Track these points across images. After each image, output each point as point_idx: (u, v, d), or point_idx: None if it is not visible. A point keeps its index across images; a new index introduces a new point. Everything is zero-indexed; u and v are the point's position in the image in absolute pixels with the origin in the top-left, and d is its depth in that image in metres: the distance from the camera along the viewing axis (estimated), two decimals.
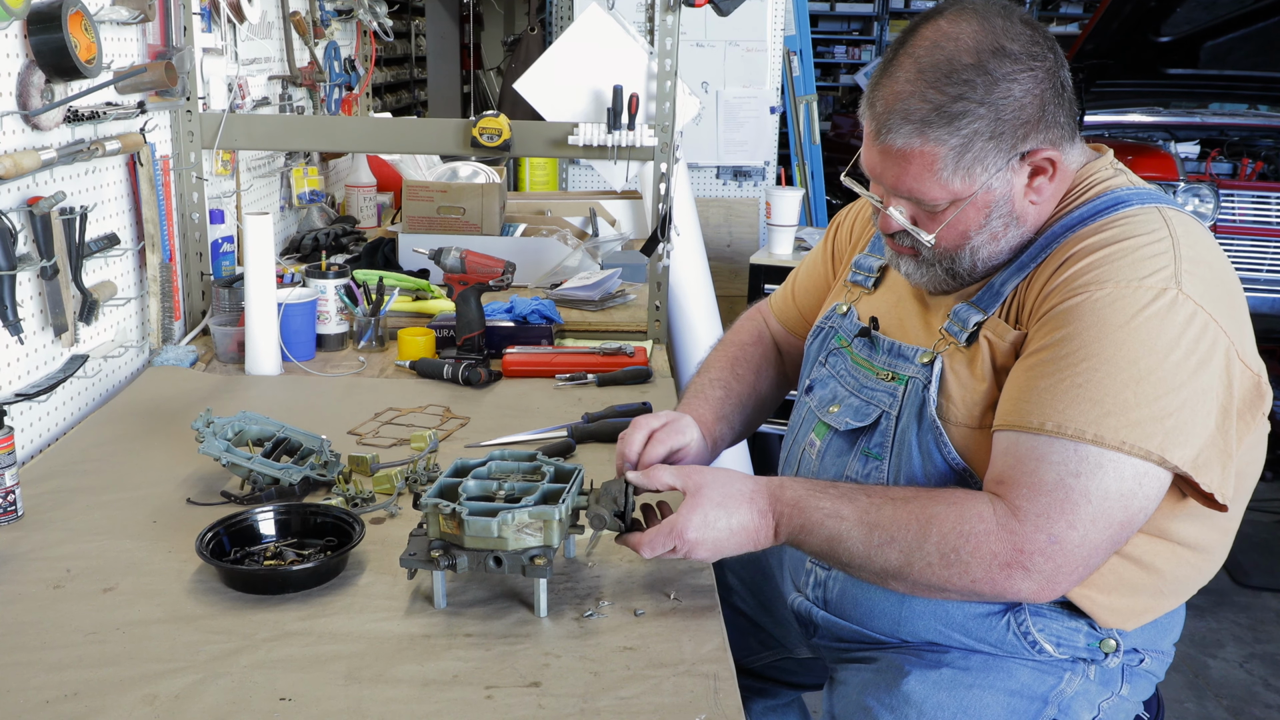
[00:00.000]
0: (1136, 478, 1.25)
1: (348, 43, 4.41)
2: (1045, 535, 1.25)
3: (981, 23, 1.33)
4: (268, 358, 2.37)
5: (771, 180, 5.57)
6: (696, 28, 5.28)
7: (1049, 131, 1.35)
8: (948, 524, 1.29)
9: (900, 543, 1.31)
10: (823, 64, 11.49)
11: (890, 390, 1.48)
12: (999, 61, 1.31)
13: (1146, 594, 1.42)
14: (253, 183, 3.23)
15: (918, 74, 1.33)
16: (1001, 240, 1.40)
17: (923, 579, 1.31)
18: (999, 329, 1.38)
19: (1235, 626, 3.56)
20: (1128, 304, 1.26)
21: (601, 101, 2.68)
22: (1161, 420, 1.23)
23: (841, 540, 1.34)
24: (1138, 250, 1.29)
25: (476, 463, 1.56)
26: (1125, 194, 1.38)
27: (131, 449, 1.95)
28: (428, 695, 1.25)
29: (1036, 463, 1.27)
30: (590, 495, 1.50)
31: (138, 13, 2.26)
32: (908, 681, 1.46)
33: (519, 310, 2.68)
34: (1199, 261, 1.29)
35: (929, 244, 1.41)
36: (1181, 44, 5.18)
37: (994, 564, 1.27)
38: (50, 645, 1.33)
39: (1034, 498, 1.26)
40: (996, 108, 1.31)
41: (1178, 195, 4.36)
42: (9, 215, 1.82)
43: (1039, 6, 11.35)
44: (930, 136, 1.33)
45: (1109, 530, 1.26)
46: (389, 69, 8.09)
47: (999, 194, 1.36)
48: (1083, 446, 1.25)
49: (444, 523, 1.41)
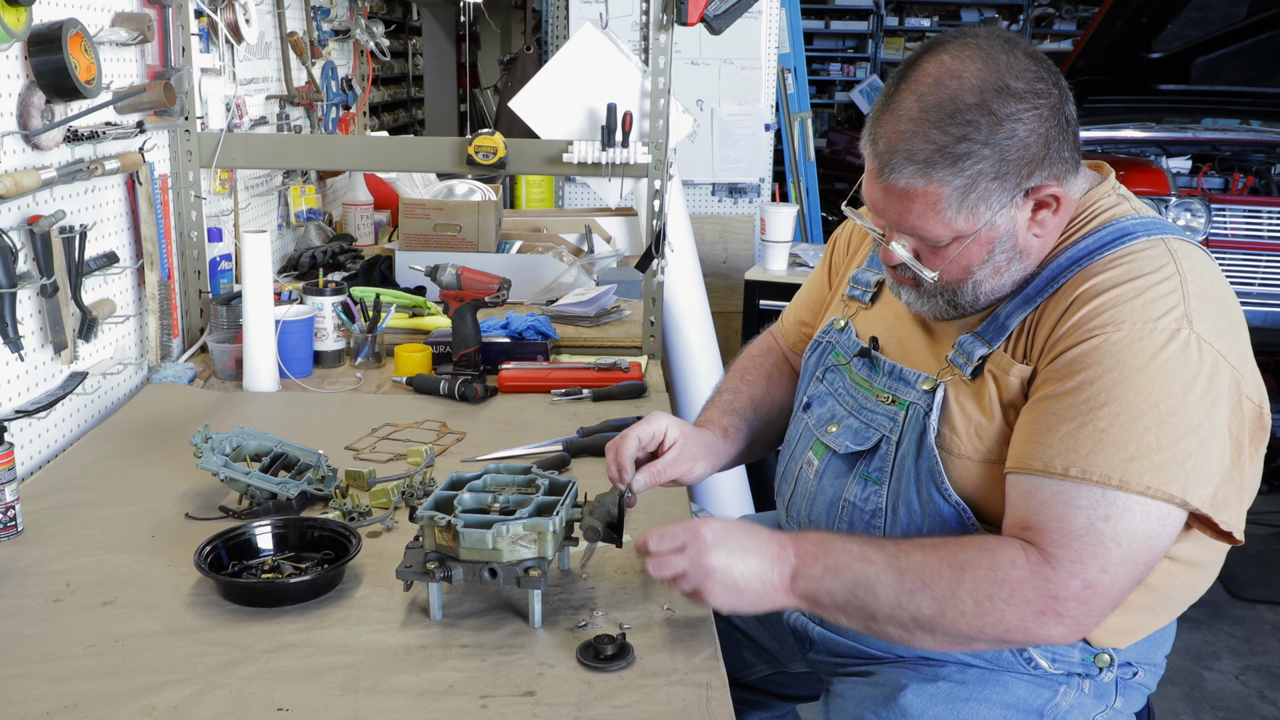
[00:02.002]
0: (1161, 519, 1.25)
1: (345, 62, 4.44)
2: (1080, 581, 1.25)
3: (985, 60, 1.31)
4: (265, 374, 2.39)
5: (766, 197, 5.59)
6: (691, 46, 5.31)
7: (1053, 167, 1.34)
8: (981, 571, 1.27)
9: (933, 589, 1.28)
10: (817, 81, 11.52)
11: (890, 414, 1.48)
12: (1003, 101, 1.29)
13: (1142, 612, 1.42)
14: (250, 201, 3.25)
15: (920, 113, 1.31)
16: (1004, 274, 1.39)
17: (954, 628, 1.29)
18: (1004, 363, 1.38)
19: (1231, 639, 3.57)
20: (1145, 346, 1.25)
21: (596, 119, 2.70)
22: (1183, 462, 1.24)
23: (870, 586, 1.31)
24: (1149, 290, 1.28)
25: (472, 476, 1.57)
26: (1130, 225, 1.37)
27: (130, 465, 1.97)
28: (424, 705, 1.26)
29: (1064, 508, 1.26)
30: (584, 508, 1.51)
31: (137, 34, 2.28)
32: (904, 695, 1.46)
33: (515, 326, 2.70)
34: (1205, 298, 1.29)
35: (930, 280, 1.40)
36: (1173, 60, 5.22)
37: (1029, 611, 1.26)
38: (51, 657, 1.34)
39: (1066, 544, 1.25)
40: (1001, 148, 1.30)
41: (1169, 210, 4.38)
42: (10, 234, 1.84)
43: (1032, 24, 11.42)
44: (934, 177, 1.31)
45: (1135, 571, 1.27)
46: (386, 88, 8.12)
47: (1003, 230, 1.35)
48: (1110, 492, 1.24)
49: (440, 535, 1.42)
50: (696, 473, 1.64)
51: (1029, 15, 11.41)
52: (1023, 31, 11.28)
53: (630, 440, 1.57)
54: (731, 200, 5.64)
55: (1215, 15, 4.93)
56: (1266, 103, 5.27)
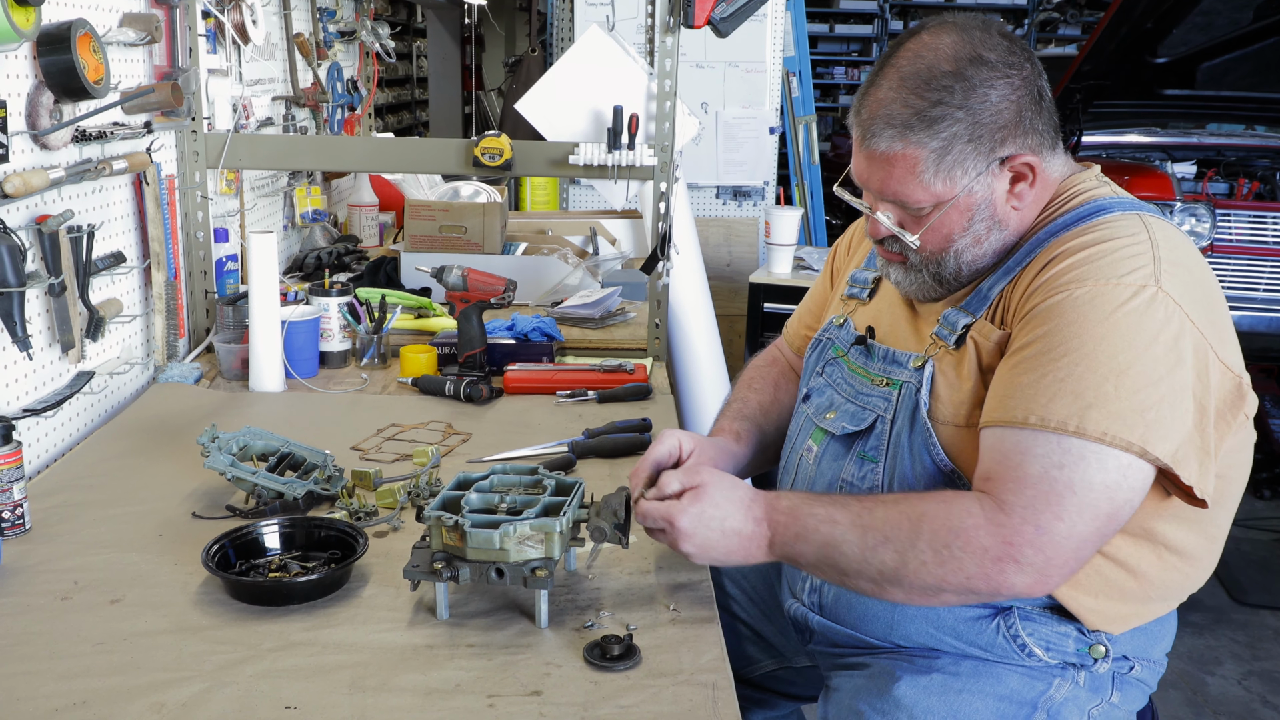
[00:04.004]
0: (1120, 469, 1.27)
1: (350, 64, 4.45)
2: (1032, 526, 1.27)
3: (961, 35, 1.40)
4: (271, 375, 2.39)
5: (771, 200, 5.59)
6: (696, 49, 5.32)
7: (1028, 138, 1.40)
8: (938, 520, 1.31)
9: (894, 542, 1.32)
10: (822, 85, 11.52)
11: (885, 395, 1.52)
12: (976, 69, 1.37)
13: (1133, 600, 1.44)
14: (256, 202, 3.26)
15: (900, 82, 1.40)
16: (984, 244, 1.45)
17: (918, 579, 1.32)
18: (985, 330, 1.42)
19: (1233, 644, 3.57)
20: (1107, 300, 1.29)
21: (602, 122, 2.70)
22: (1142, 413, 1.26)
23: (837, 545, 1.35)
24: (1118, 250, 1.33)
25: (479, 476, 1.58)
26: (1107, 202, 1.43)
27: (137, 464, 1.97)
28: (430, 704, 1.26)
29: (1021, 456, 1.29)
30: (591, 508, 1.51)
31: (145, 34, 2.29)
32: (899, 687, 1.47)
33: (520, 328, 2.70)
34: (1178, 264, 1.33)
35: (915, 245, 1.45)
36: (1178, 65, 5.20)
37: (985, 558, 1.28)
38: (59, 655, 1.35)
39: (1019, 490, 1.28)
40: (974, 111, 1.37)
41: (1174, 215, 4.37)
42: (18, 233, 1.85)
43: (1036, 28, 11.42)
44: (911, 140, 1.39)
45: (1095, 522, 1.28)
46: (391, 90, 8.13)
47: (980, 197, 1.42)
48: (1065, 439, 1.27)
49: (447, 535, 1.42)
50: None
51: (1034, 19, 11.41)
52: (1027, 36, 11.29)
53: (647, 463, 1.56)
54: (736, 203, 5.65)
55: (1221, 20, 4.92)
56: (1272, 108, 5.26)
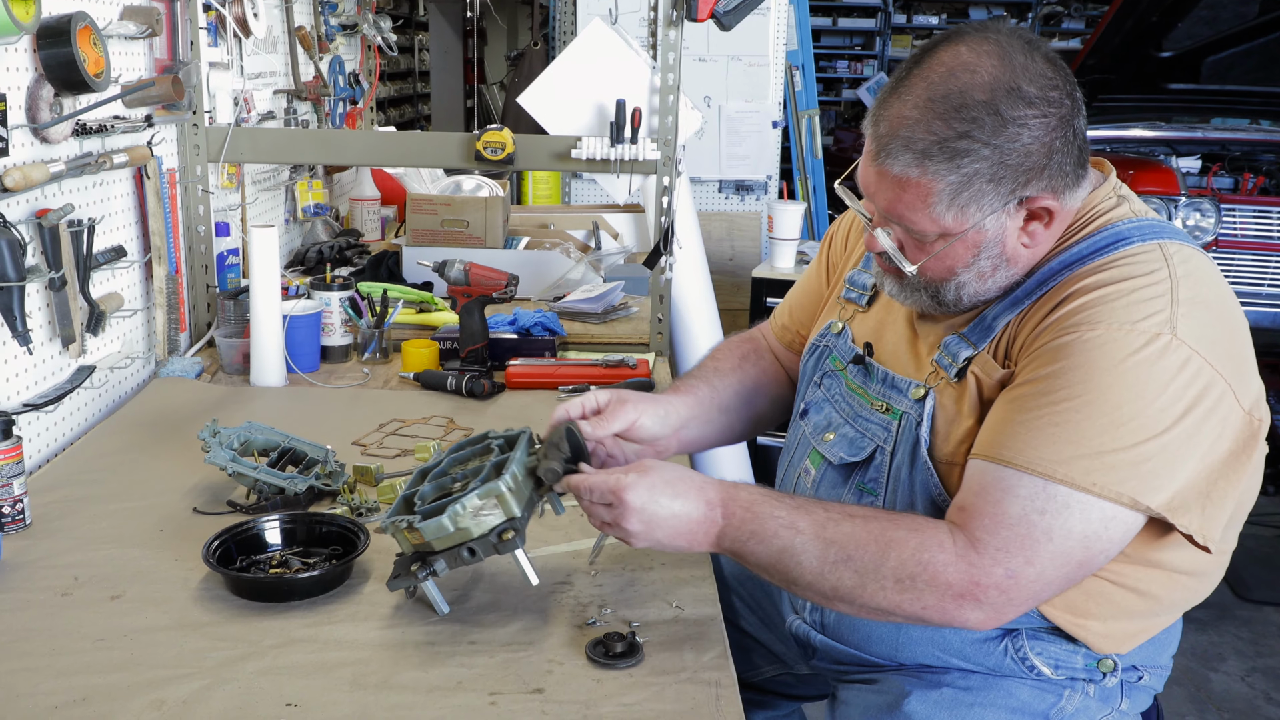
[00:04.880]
0: (1104, 520, 1.23)
1: (352, 57, 4.44)
2: (1003, 570, 1.23)
3: (1002, 58, 1.28)
4: (273, 369, 2.39)
5: (774, 194, 5.58)
6: (699, 42, 5.30)
7: (1052, 180, 1.30)
8: (907, 550, 1.26)
9: (856, 563, 1.27)
10: (825, 79, 11.51)
11: (884, 424, 1.46)
12: (1012, 103, 1.26)
13: (1142, 617, 1.41)
14: (258, 196, 3.25)
15: (927, 101, 1.28)
16: (989, 280, 1.37)
17: (872, 602, 1.28)
18: (988, 366, 1.35)
19: (1237, 640, 3.56)
20: (1118, 347, 1.23)
21: (604, 115, 2.69)
22: (1137, 465, 1.21)
23: (794, 554, 1.30)
24: (1134, 292, 1.26)
25: (432, 464, 1.56)
26: (1126, 230, 1.34)
27: (138, 459, 1.97)
28: (432, 701, 1.26)
29: (1002, 494, 1.24)
30: (538, 452, 1.46)
31: (145, 27, 2.28)
32: (909, 702, 1.45)
33: (522, 323, 2.69)
34: (1197, 303, 1.26)
35: (910, 273, 1.39)
36: (1183, 59, 5.20)
37: (948, 594, 1.24)
38: (59, 651, 1.34)
39: (995, 530, 1.24)
40: (1001, 150, 1.27)
41: (1179, 210, 4.36)
42: (18, 227, 1.84)
43: (1041, 22, 11.40)
44: (929, 169, 1.29)
45: (1065, 569, 1.24)
46: (393, 83, 8.13)
47: (991, 235, 1.33)
48: (1052, 485, 1.22)
49: (409, 536, 1.40)
50: (645, 424, 1.58)
51: (1038, 13, 11.39)
52: (1030, 29, 11.26)
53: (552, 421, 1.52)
54: (738, 197, 5.63)
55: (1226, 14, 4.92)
56: (1277, 103, 5.25)
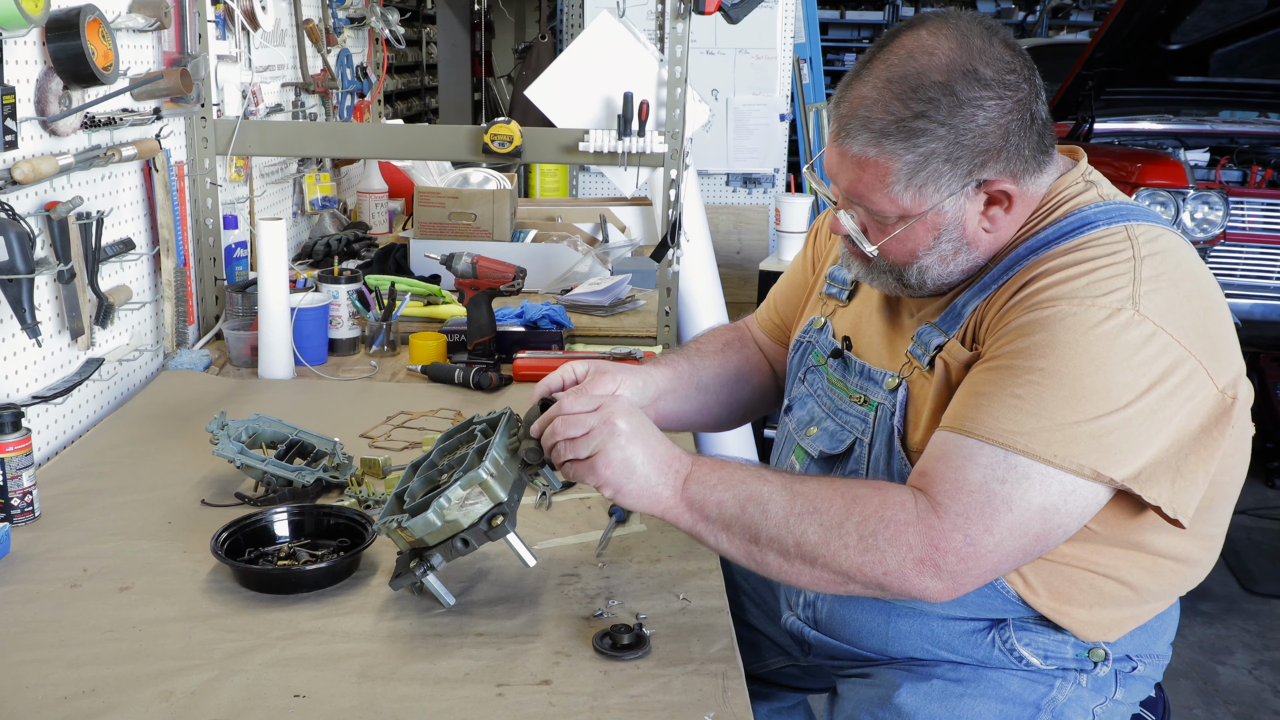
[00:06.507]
0: (1063, 493, 1.23)
1: (360, 50, 4.44)
2: (962, 536, 1.23)
3: (960, 41, 1.30)
4: (280, 362, 2.39)
5: (781, 187, 5.58)
6: (707, 35, 5.30)
7: (1010, 163, 1.32)
8: (870, 506, 1.27)
9: (822, 514, 1.28)
10: (833, 72, 11.41)
11: (862, 415, 1.48)
12: (967, 84, 1.28)
13: (1128, 605, 1.41)
14: (266, 189, 3.26)
15: (886, 83, 1.31)
16: (951, 264, 1.38)
17: (835, 561, 1.27)
18: (955, 351, 1.37)
19: (1244, 633, 3.56)
20: (1079, 321, 1.24)
21: (612, 108, 2.69)
22: (1099, 438, 1.22)
23: (761, 502, 1.30)
24: (1097, 270, 1.27)
25: (422, 458, 1.56)
26: (1092, 214, 1.35)
27: (147, 451, 1.97)
28: (439, 693, 1.26)
29: (964, 462, 1.25)
30: (518, 434, 1.46)
31: (154, 20, 2.28)
32: (899, 695, 1.46)
33: (530, 315, 2.70)
34: (1161, 280, 1.26)
35: (871, 254, 1.40)
36: (1191, 52, 5.17)
37: (909, 556, 1.24)
38: (68, 643, 1.35)
39: (956, 496, 1.24)
40: (957, 131, 1.29)
41: (1187, 203, 4.35)
42: (27, 220, 1.84)
43: (1049, 15, 11.35)
44: (886, 148, 1.31)
45: (1023, 541, 1.25)
46: (400, 76, 8.12)
47: (950, 218, 1.34)
48: (1012, 455, 1.23)
49: (403, 535, 1.41)
50: (624, 394, 1.56)
51: (1046, 6, 11.34)
52: (1039, 22, 11.23)
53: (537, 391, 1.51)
54: (746, 190, 5.63)
55: (1235, 7, 4.88)
56: None
